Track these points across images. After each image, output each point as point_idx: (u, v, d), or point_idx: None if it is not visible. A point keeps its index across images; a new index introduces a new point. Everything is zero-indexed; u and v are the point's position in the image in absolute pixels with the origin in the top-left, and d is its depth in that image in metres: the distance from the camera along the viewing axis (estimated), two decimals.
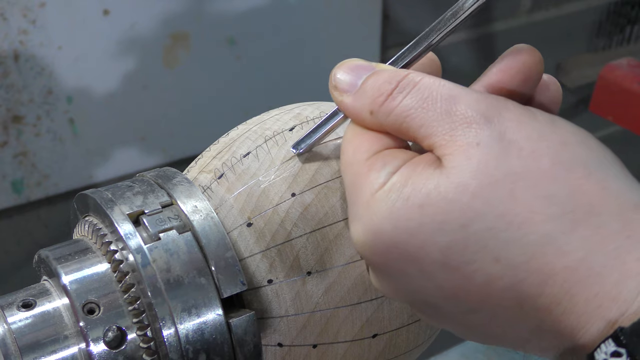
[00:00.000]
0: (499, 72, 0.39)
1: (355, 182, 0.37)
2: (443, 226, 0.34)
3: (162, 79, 1.04)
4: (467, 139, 0.35)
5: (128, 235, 0.38)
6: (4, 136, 0.97)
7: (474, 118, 0.35)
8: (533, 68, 0.39)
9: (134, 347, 0.38)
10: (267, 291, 0.40)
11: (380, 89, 0.38)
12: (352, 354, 0.42)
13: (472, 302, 0.35)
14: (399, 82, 0.37)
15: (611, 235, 0.33)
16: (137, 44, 1.01)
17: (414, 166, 0.36)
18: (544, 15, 1.38)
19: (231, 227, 0.41)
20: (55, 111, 0.99)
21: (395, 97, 0.37)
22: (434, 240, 0.34)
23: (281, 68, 1.13)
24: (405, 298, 0.38)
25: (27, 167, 1.00)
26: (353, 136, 0.39)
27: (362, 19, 1.17)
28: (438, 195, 0.34)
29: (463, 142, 0.35)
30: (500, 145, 0.34)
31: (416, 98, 0.37)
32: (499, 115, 0.35)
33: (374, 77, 0.38)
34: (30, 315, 0.38)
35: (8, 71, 0.94)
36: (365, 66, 0.39)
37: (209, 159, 0.44)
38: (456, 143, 0.35)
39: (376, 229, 0.35)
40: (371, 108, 0.38)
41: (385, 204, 0.35)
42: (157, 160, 1.09)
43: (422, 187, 0.35)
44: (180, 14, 1.02)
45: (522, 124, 0.35)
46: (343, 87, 0.39)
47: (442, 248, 0.34)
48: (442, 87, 0.36)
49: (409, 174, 0.36)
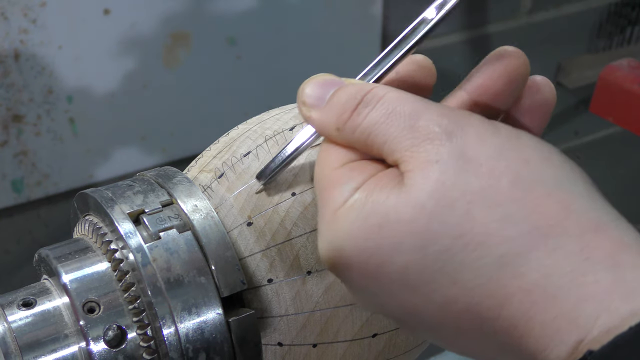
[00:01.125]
0: (482, 76, 0.39)
1: (322, 197, 0.37)
2: (401, 247, 0.34)
3: (162, 79, 1.04)
4: (427, 155, 0.34)
5: (128, 234, 0.38)
6: (4, 135, 0.97)
7: (436, 134, 0.35)
8: (517, 70, 0.39)
9: (134, 346, 0.38)
10: (267, 290, 0.40)
11: (345, 104, 0.37)
12: (351, 353, 0.42)
13: (433, 320, 0.35)
14: (363, 97, 0.37)
15: (569, 257, 0.32)
16: (138, 44, 1.01)
17: (376, 181, 0.36)
18: (544, 16, 1.38)
19: (231, 226, 0.41)
20: (56, 110, 0.99)
21: (360, 111, 0.37)
22: (391, 260, 0.34)
23: (281, 68, 1.13)
24: (375, 310, 0.39)
25: (27, 167, 1.00)
26: (323, 148, 0.38)
27: (362, 19, 1.17)
28: (396, 215, 0.34)
29: (423, 158, 0.34)
30: (459, 163, 0.34)
31: (380, 113, 0.36)
32: (461, 131, 0.35)
33: (340, 92, 0.38)
34: (31, 314, 0.38)
35: (8, 70, 0.94)
36: (334, 81, 0.39)
37: (209, 158, 0.44)
38: (417, 159, 0.34)
39: (337, 247, 0.35)
40: (337, 125, 0.37)
41: (345, 223, 0.35)
42: (157, 159, 1.09)
43: (381, 207, 0.34)
44: (181, 14, 1.02)
45: (484, 141, 0.34)
46: (311, 102, 0.39)
47: (399, 268, 0.34)
48: (406, 101, 0.36)
49: (370, 191, 0.35)
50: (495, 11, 1.32)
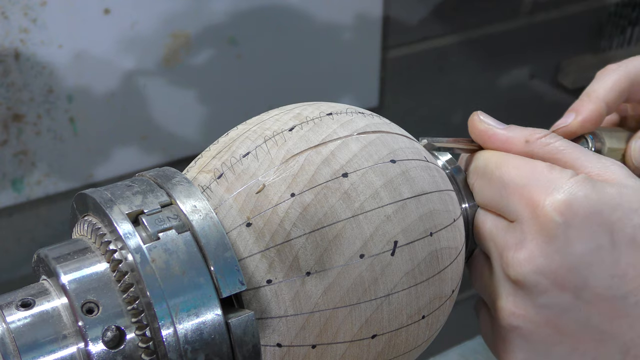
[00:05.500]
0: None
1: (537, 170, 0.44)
2: (638, 209, 0.42)
3: (162, 78, 1.04)
4: (621, 172, 0.44)
5: (127, 234, 0.38)
6: (4, 135, 0.97)
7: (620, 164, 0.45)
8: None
9: (132, 346, 0.38)
10: (266, 291, 0.40)
11: (534, 129, 0.47)
12: (351, 354, 0.42)
13: (633, 285, 0.42)
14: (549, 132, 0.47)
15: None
16: (138, 43, 1.01)
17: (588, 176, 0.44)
18: (544, 16, 1.38)
19: (230, 227, 0.41)
20: (56, 110, 0.99)
21: (551, 137, 0.47)
22: (631, 216, 0.42)
23: (282, 68, 1.13)
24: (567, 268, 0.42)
25: (27, 166, 1.00)
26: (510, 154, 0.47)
27: (363, 19, 1.17)
28: (627, 192, 0.43)
29: (619, 173, 0.44)
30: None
31: (570, 142, 0.46)
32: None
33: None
34: (29, 315, 0.38)
35: (9, 70, 0.94)
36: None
37: (208, 158, 0.44)
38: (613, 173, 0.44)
39: (583, 196, 0.42)
40: (528, 138, 0.47)
41: (587, 182, 0.43)
42: (157, 159, 1.09)
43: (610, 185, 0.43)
44: (181, 14, 1.02)
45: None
46: (490, 122, 0.48)
47: (635, 225, 0.42)
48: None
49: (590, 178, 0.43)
50: (495, 11, 1.32)
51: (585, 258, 0.42)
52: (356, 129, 0.44)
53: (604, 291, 0.42)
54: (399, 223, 0.42)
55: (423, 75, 1.27)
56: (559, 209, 0.42)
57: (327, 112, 0.45)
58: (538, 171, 0.44)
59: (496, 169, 0.46)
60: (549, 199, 0.43)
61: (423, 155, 0.46)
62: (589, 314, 0.43)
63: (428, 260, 0.43)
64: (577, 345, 0.44)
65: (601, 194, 0.42)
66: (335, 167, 0.42)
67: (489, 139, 0.48)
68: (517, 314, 0.45)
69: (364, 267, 0.41)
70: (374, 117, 0.46)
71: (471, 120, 0.49)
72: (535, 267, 0.43)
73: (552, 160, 0.45)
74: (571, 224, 0.42)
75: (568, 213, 0.42)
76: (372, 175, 0.43)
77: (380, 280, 0.42)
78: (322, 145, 0.43)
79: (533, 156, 0.46)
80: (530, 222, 0.43)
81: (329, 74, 1.18)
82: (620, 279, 0.42)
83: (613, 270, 0.42)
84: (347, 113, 0.45)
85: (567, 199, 0.42)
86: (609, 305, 0.42)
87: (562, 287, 0.43)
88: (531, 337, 0.45)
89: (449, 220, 0.45)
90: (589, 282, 0.42)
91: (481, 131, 0.48)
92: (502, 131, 0.48)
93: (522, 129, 0.47)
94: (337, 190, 0.42)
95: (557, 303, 0.43)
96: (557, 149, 0.46)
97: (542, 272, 0.43)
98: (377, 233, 0.42)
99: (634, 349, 0.43)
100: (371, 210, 0.42)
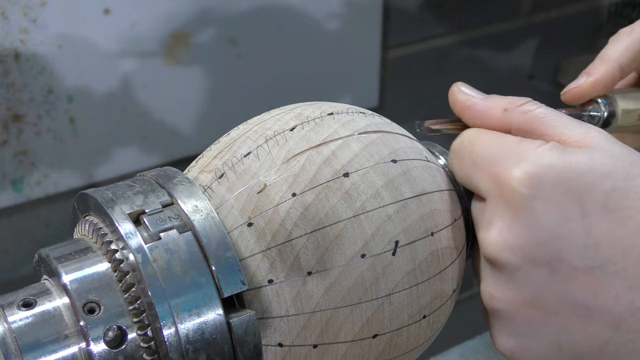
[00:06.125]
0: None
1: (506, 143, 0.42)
2: (609, 174, 0.40)
3: (162, 78, 1.04)
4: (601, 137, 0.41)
5: (128, 234, 0.38)
6: (4, 135, 0.97)
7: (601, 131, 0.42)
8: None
9: (134, 346, 0.38)
10: (268, 291, 0.40)
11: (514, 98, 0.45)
12: (352, 354, 0.42)
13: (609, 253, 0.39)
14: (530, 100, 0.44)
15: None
16: (138, 43, 1.01)
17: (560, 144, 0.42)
18: (544, 16, 1.38)
19: (232, 226, 0.41)
20: (56, 110, 0.99)
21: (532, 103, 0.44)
22: (600, 182, 0.40)
23: (282, 68, 1.13)
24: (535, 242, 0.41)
25: (27, 166, 1.00)
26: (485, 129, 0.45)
27: (363, 18, 1.17)
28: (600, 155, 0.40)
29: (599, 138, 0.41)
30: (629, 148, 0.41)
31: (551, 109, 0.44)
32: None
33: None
34: (31, 315, 0.38)
35: (9, 70, 0.94)
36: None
37: (209, 158, 0.44)
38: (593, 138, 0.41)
39: (547, 165, 0.40)
40: (507, 106, 0.44)
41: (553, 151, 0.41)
42: (158, 159, 1.09)
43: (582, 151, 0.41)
44: (181, 13, 1.02)
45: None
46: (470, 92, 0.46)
47: (606, 190, 0.39)
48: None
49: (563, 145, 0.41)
50: (495, 11, 1.32)
51: (555, 230, 0.40)
52: (357, 129, 0.44)
53: (579, 262, 0.40)
54: (400, 223, 0.42)
55: (423, 75, 1.27)
56: (522, 181, 0.40)
57: (328, 112, 0.45)
58: (506, 146, 0.42)
59: (468, 146, 0.44)
60: (514, 172, 0.41)
61: (424, 155, 0.46)
62: (568, 288, 0.40)
63: (429, 260, 0.43)
64: (563, 324, 0.41)
65: (569, 161, 0.40)
66: (336, 167, 0.42)
67: (467, 111, 0.46)
68: (495, 296, 0.42)
69: (365, 266, 0.41)
70: (375, 117, 0.47)
71: (451, 93, 0.47)
72: (503, 244, 0.41)
73: (530, 129, 0.43)
74: (537, 195, 0.40)
75: (532, 184, 0.40)
76: (373, 175, 0.43)
77: (381, 280, 0.42)
78: (323, 145, 0.43)
79: (511, 125, 0.44)
80: (497, 199, 0.41)
81: (329, 74, 1.18)
82: (595, 248, 0.39)
83: (585, 239, 0.40)
84: (348, 113, 0.45)
85: (531, 170, 0.40)
86: (587, 277, 0.40)
87: (534, 263, 0.41)
88: (514, 320, 0.42)
89: (450, 220, 0.45)
90: (562, 255, 0.40)
91: (460, 102, 0.46)
92: (481, 101, 0.45)
93: (502, 98, 0.45)
94: (339, 190, 0.42)
95: (533, 280, 0.41)
96: (537, 116, 0.43)
97: (511, 249, 0.41)
98: (378, 233, 0.42)
99: (624, 322, 0.40)
100: (372, 210, 0.42)
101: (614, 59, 0.54)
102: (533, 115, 0.43)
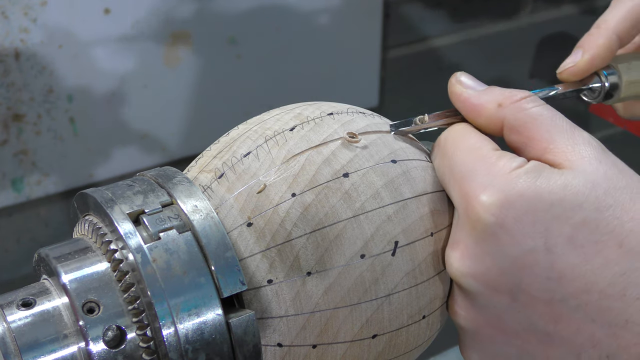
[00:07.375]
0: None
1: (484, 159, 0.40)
2: (581, 204, 0.38)
3: (162, 78, 1.04)
4: (589, 154, 0.39)
5: (128, 234, 0.38)
6: (4, 134, 0.97)
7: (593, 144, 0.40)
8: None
9: (133, 346, 0.38)
10: (267, 291, 0.40)
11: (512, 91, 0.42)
12: (351, 354, 0.42)
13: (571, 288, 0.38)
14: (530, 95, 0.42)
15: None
16: (138, 43, 1.01)
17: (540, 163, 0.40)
18: (544, 16, 1.38)
19: (231, 226, 0.41)
20: (56, 110, 0.99)
21: (529, 101, 0.41)
22: (570, 215, 0.38)
23: (282, 68, 1.13)
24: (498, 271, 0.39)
25: (27, 166, 1.00)
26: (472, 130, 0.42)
27: (363, 18, 1.17)
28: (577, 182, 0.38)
29: (586, 155, 0.39)
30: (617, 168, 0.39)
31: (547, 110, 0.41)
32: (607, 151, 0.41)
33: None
34: (30, 314, 0.38)
35: (9, 69, 0.94)
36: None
37: (209, 158, 0.44)
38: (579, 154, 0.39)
39: (517, 193, 0.38)
40: (502, 101, 0.41)
41: (527, 177, 0.39)
42: (157, 159, 1.09)
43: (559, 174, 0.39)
44: (181, 13, 1.02)
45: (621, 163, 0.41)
46: (468, 84, 0.43)
47: (575, 223, 0.38)
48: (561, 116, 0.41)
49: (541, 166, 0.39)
50: (495, 11, 1.32)
51: (518, 260, 0.39)
52: (357, 129, 0.44)
53: (540, 294, 0.39)
54: (399, 223, 0.42)
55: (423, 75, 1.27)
56: (489, 208, 0.39)
57: (328, 112, 0.45)
58: (483, 161, 0.40)
59: (450, 147, 0.42)
60: (482, 196, 0.39)
61: (424, 155, 0.46)
62: (529, 316, 0.40)
63: (429, 261, 0.43)
64: (525, 347, 0.41)
65: (540, 190, 0.38)
66: (336, 167, 0.42)
67: (461, 104, 0.43)
68: (459, 313, 0.42)
69: (365, 267, 0.41)
70: (374, 117, 0.47)
71: (449, 83, 0.44)
72: (466, 270, 0.40)
73: (521, 129, 0.41)
74: (502, 224, 0.39)
75: (499, 213, 0.38)
76: (373, 176, 0.43)
77: (381, 280, 0.42)
78: (323, 145, 0.43)
79: (504, 122, 0.42)
80: (465, 218, 0.40)
81: (329, 74, 1.18)
82: (557, 282, 0.38)
83: (548, 272, 0.38)
84: (348, 113, 0.45)
85: (499, 198, 0.38)
86: (548, 307, 0.39)
87: (495, 290, 0.40)
88: (478, 338, 0.42)
89: (449, 220, 0.45)
90: (524, 286, 0.39)
91: (455, 95, 0.43)
92: (476, 94, 0.43)
93: (500, 92, 0.42)
94: (338, 190, 0.42)
95: (494, 305, 0.40)
96: (531, 117, 0.41)
97: (472, 275, 0.40)
98: (377, 233, 0.42)
99: (584, 353, 0.39)
100: (372, 210, 0.42)
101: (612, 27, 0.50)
102: (527, 114, 0.41)
